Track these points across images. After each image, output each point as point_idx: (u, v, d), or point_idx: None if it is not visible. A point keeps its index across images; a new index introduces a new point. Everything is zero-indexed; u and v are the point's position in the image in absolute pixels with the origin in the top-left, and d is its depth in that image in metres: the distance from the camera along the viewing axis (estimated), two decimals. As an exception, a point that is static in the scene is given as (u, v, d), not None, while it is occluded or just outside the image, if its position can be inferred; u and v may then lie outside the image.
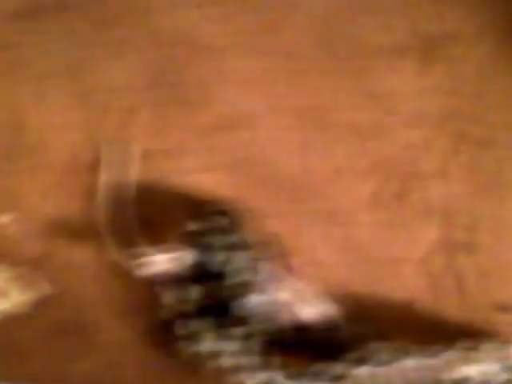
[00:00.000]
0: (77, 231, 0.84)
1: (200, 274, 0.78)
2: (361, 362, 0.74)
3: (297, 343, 0.78)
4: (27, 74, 0.88)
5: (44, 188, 0.86)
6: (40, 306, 0.83)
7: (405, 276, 0.83)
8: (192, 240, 0.78)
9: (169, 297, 0.79)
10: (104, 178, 0.85)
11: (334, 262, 0.83)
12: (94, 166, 0.86)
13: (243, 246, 0.78)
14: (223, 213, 0.80)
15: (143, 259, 0.78)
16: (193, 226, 0.79)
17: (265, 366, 0.76)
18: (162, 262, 0.78)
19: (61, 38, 0.88)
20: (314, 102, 0.87)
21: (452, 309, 0.81)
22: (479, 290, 0.82)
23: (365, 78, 0.87)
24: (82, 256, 0.84)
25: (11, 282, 0.83)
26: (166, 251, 0.78)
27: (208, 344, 0.76)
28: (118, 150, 0.86)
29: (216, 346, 0.76)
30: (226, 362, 0.76)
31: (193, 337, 0.77)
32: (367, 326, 0.80)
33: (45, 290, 0.83)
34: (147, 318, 0.82)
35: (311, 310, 0.79)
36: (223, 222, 0.79)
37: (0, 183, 0.86)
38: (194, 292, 0.78)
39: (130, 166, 0.86)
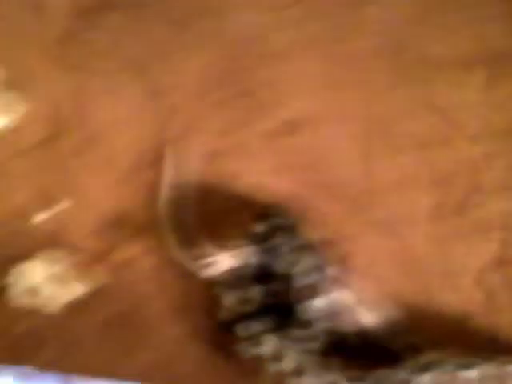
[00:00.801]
0: (139, 227, 0.85)
1: (264, 275, 0.78)
2: (425, 369, 0.74)
3: (356, 347, 0.78)
4: (99, 69, 0.89)
5: (109, 182, 0.87)
6: (97, 297, 0.83)
7: (461, 290, 0.82)
8: (257, 241, 0.78)
9: (230, 297, 0.79)
10: (167, 176, 0.85)
11: (390, 272, 0.83)
12: (159, 164, 0.86)
13: (310, 248, 0.78)
14: (287, 215, 0.81)
15: (205, 258, 0.78)
16: (259, 227, 0.79)
17: (326, 369, 0.76)
18: (224, 262, 0.78)
19: (137, 36, 0.89)
20: (379, 111, 0.88)
21: (506, 325, 0.81)
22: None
23: (431, 90, 0.88)
24: (142, 251, 0.84)
25: (70, 270, 0.84)
26: (229, 251, 0.79)
27: (269, 346, 0.76)
28: (182, 149, 0.86)
29: (278, 349, 0.76)
30: (288, 364, 0.76)
31: (254, 339, 0.77)
32: (421, 336, 0.79)
33: (102, 280, 0.83)
34: (206, 317, 0.82)
35: (371, 315, 0.79)
36: (288, 224, 0.79)
37: (66, 176, 0.87)
38: (257, 293, 0.78)
39: (195, 166, 0.86)
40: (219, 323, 0.79)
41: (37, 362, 0.80)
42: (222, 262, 0.78)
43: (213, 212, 0.85)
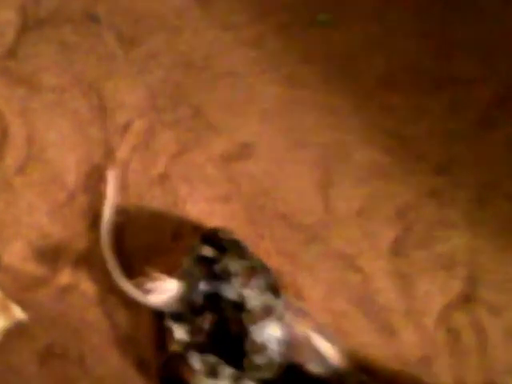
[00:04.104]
0: (82, 252, 0.81)
1: (214, 302, 0.74)
2: None
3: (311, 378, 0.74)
4: (47, 84, 0.86)
5: (53, 204, 0.83)
6: (37, 323, 0.79)
7: (423, 329, 0.79)
8: (205, 265, 0.75)
9: (180, 329, 0.75)
10: (110, 199, 0.81)
11: (348, 309, 0.80)
12: (104, 186, 0.82)
13: (262, 269, 0.75)
14: (236, 237, 0.77)
15: (149, 286, 0.74)
16: (206, 250, 0.75)
17: None
18: (169, 289, 0.74)
19: (86, 51, 0.86)
20: (340, 138, 0.85)
21: (473, 368, 0.77)
22: (502, 351, 0.77)
23: (394, 117, 0.85)
24: (84, 278, 0.80)
25: (9, 294, 0.79)
26: (175, 278, 0.75)
27: (226, 377, 0.72)
28: (129, 170, 0.83)
29: (234, 379, 0.72)
30: None
31: (210, 370, 0.73)
32: (377, 378, 0.76)
33: (42, 306, 0.80)
34: (153, 348, 0.78)
35: (329, 345, 0.75)
36: (237, 245, 0.76)
37: (10, 195, 0.83)
38: (207, 322, 0.74)
39: (141, 189, 0.83)
40: (170, 355, 0.75)
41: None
42: (168, 289, 0.74)
43: (159, 238, 0.81)
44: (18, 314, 0.79)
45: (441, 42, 0.86)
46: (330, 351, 0.74)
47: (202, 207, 0.82)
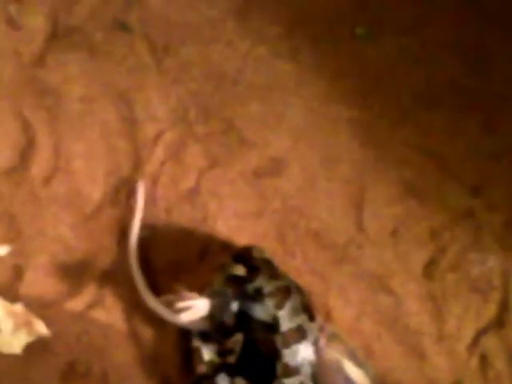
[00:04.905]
0: (108, 269, 0.79)
1: (245, 322, 0.72)
2: None
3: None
4: (74, 94, 0.84)
5: (78, 217, 0.81)
6: (59, 340, 0.77)
7: (455, 353, 0.77)
8: (237, 284, 0.73)
9: (209, 350, 0.73)
10: (138, 214, 0.79)
11: (378, 332, 0.78)
12: (132, 199, 0.80)
13: (295, 289, 0.72)
14: (268, 256, 0.75)
15: (178, 304, 0.72)
16: (238, 270, 0.73)
17: None
18: (199, 308, 0.72)
19: (116, 60, 0.85)
20: (374, 155, 0.83)
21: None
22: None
23: (428, 135, 0.83)
24: (110, 294, 0.78)
25: (31, 309, 0.77)
26: (205, 297, 0.72)
27: None
28: (158, 185, 0.81)
29: None
30: None
31: None
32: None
33: (65, 323, 0.77)
34: (179, 369, 0.76)
35: (358, 371, 0.73)
36: (270, 265, 0.74)
37: (34, 207, 0.81)
38: (238, 343, 0.72)
39: (170, 203, 0.81)
40: (197, 377, 0.73)
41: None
42: (198, 308, 0.72)
43: (186, 255, 0.79)
44: (41, 329, 0.77)
45: (480, 57, 0.85)
46: (360, 378, 0.73)
47: (232, 224, 0.80)
